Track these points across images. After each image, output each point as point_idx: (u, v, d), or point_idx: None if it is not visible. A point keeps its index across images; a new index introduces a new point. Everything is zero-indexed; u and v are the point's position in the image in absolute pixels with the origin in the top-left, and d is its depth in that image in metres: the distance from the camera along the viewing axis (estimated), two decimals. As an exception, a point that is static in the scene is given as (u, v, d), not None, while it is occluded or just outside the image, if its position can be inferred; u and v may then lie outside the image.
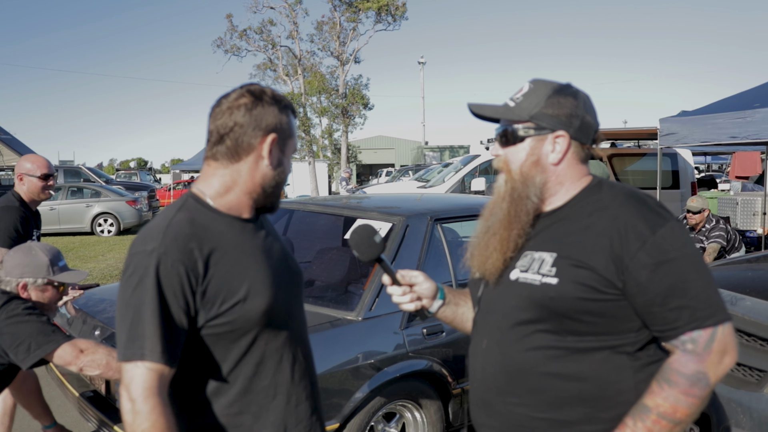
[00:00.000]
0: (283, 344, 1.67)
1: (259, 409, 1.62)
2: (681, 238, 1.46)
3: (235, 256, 1.57)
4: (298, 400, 1.70)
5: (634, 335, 1.49)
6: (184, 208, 1.59)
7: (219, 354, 1.56)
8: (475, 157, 13.80)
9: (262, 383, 1.62)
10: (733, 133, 7.17)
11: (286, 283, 1.70)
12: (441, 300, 1.82)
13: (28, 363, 2.35)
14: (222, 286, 1.52)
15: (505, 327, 1.58)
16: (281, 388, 1.65)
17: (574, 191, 1.59)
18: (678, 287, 1.41)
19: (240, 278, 1.55)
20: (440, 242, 3.70)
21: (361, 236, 1.73)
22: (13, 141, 19.61)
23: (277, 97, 1.64)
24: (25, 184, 3.74)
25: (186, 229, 1.52)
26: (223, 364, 1.57)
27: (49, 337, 2.37)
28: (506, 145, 1.63)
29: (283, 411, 1.66)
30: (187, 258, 1.49)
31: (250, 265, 1.59)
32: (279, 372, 1.65)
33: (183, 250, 1.49)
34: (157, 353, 1.42)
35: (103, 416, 3.08)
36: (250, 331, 1.58)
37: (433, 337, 3.36)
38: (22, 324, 2.37)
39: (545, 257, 1.53)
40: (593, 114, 1.61)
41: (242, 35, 34.54)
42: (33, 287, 2.59)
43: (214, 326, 1.53)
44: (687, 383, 1.40)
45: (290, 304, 1.71)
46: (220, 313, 1.52)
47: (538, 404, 1.54)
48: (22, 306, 2.43)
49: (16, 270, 2.58)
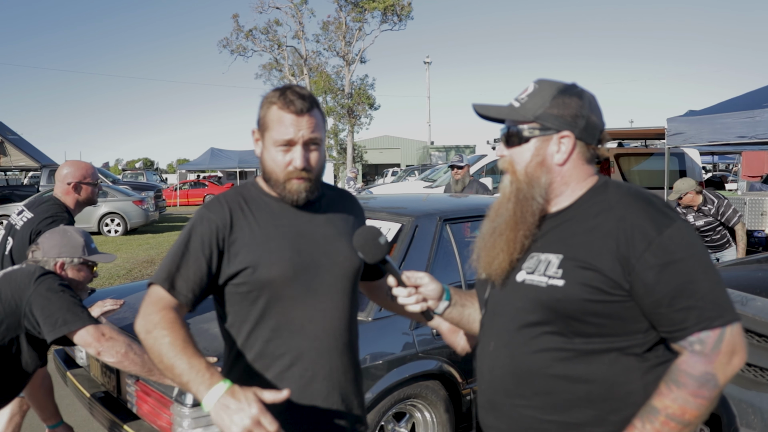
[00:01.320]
0: (302, 318, 1.79)
1: (275, 375, 1.78)
2: (688, 238, 1.44)
3: (263, 228, 1.79)
4: (314, 377, 1.80)
5: (642, 336, 1.48)
6: (243, 185, 1.90)
7: (242, 313, 1.79)
8: (481, 157, 13.80)
9: (278, 350, 1.78)
10: (742, 133, 7.17)
11: (312, 264, 1.81)
12: (447, 301, 1.83)
13: (53, 336, 2.44)
14: (242, 249, 1.75)
15: (513, 329, 1.58)
16: (297, 360, 1.79)
17: (580, 192, 1.59)
18: (685, 288, 1.40)
19: (258, 247, 1.76)
20: (449, 242, 3.70)
21: (366, 238, 1.74)
22: (20, 141, 19.63)
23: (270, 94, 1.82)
24: (80, 192, 3.74)
25: (230, 198, 1.83)
26: (244, 324, 1.79)
27: (77, 316, 2.45)
28: (511, 146, 1.63)
29: (296, 382, 1.78)
30: (220, 218, 1.77)
31: (273, 238, 1.78)
32: (294, 343, 1.79)
33: (219, 211, 1.78)
34: (166, 281, 1.71)
35: (114, 416, 3.09)
36: (263, 295, 1.76)
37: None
38: (55, 298, 2.47)
39: (551, 259, 1.53)
40: (599, 114, 1.60)
41: (248, 35, 34.63)
42: (70, 266, 2.77)
43: (235, 285, 1.76)
44: (695, 384, 1.39)
45: (311, 282, 1.80)
46: (237, 271, 1.74)
47: (546, 406, 1.53)
48: (58, 281, 2.55)
49: (53, 250, 2.75)
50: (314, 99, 1.81)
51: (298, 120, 1.74)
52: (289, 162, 1.77)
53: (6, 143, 18.81)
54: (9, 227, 3.68)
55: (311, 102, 1.77)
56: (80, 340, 2.44)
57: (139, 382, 2.91)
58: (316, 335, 1.80)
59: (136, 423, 2.99)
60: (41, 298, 2.46)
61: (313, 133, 1.77)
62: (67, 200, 3.73)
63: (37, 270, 2.57)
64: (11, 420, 3.34)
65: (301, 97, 1.76)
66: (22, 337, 2.53)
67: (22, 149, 19.17)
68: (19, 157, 19.06)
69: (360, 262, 1.90)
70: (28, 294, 2.47)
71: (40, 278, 2.52)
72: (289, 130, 1.74)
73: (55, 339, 2.45)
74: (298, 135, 1.75)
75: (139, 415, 2.98)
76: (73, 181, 3.72)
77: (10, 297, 2.49)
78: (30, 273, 2.55)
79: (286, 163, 1.77)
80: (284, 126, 1.74)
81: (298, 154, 1.76)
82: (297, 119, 1.74)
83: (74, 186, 3.72)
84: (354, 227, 1.91)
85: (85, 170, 3.79)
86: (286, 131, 1.74)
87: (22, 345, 2.55)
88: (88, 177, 3.78)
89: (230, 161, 31.46)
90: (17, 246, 3.56)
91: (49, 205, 3.65)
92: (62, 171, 3.76)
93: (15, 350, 2.54)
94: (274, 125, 1.76)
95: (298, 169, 1.76)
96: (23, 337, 2.53)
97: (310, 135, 1.76)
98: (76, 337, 2.44)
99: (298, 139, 1.75)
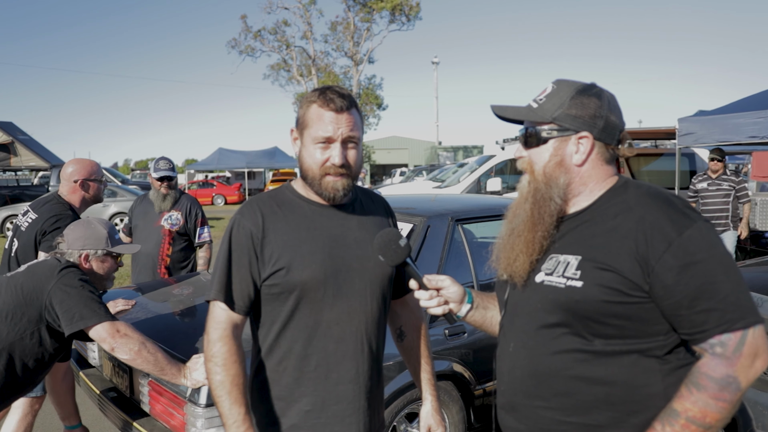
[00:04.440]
0: (329, 320, 1.81)
1: (300, 375, 1.82)
2: (709, 238, 1.42)
3: (296, 231, 1.82)
4: (339, 379, 1.82)
5: (662, 338, 1.47)
6: (275, 189, 1.94)
7: (273, 313, 1.82)
8: (490, 158, 13.75)
9: (306, 351, 1.81)
10: (753, 133, 7.12)
11: (344, 267, 1.83)
12: (469, 304, 1.82)
13: (69, 330, 2.48)
14: (275, 252, 1.79)
15: (532, 330, 1.57)
16: (322, 362, 1.81)
17: (599, 192, 1.58)
18: (706, 289, 1.38)
19: (291, 249, 1.79)
20: (461, 243, 3.69)
21: (386, 240, 1.74)
22: (30, 141, 19.71)
23: (310, 94, 1.85)
24: (88, 189, 3.74)
25: (263, 202, 1.87)
26: (274, 324, 1.83)
27: (94, 312, 2.48)
28: (530, 147, 1.63)
29: (323, 384, 1.81)
30: (253, 223, 1.81)
31: (305, 241, 1.81)
32: (321, 344, 1.81)
33: (252, 217, 1.82)
34: (221, 294, 1.79)
35: (125, 415, 3.10)
36: (292, 296, 1.79)
37: (455, 338, 3.35)
38: (74, 293, 2.50)
39: (570, 260, 1.52)
40: (618, 114, 1.59)
41: (256, 36, 34.69)
42: (94, 258, 2.81)
43: (268, 286, 1.80)
44: (717, 387, 1.37)
45: (341, 285, 1.82)
46: (271, 273, 1.78)
47: (566, 408, 1.52)
48: (78, 276, 2.58)
49: (78, 242, 2.79)
50: (353, 99, 1.84)
51: (337, 117, 1.77)
52: (326, 159, 1.79)
53: (16, 143, 18.91)
54: (15, 228, 3.68)
55: (350, 101, 1.80)
56: (96, 336, 2.48)
57: (151, 382, 2.92)
58: (342, 338, 1.82)
59: (148, 422, 2.99)
60: (61, 292, 2.49)
61: (351, 131, 1.79)
62: (73, 198, 3.73)
63: (60, 264, 2.60)
64: (23, 419, 3.35)
65: (340, 96, 1.78)
66: (44, 329, 2.56)
67: (32, 149, 19.25)
68: (29, 157, 19.13)
69: (392, 269, 1.91)
70: (50, 287, 2.51)
71: (62, 272, 2.55)
72: (328, 128, 1.77)
73: (72, 333, 2.49)
74: (337, 132, 1.77)
75: (152, 414, 2.98)
76: (80, 179, 3.72)
77: (32, 290, 2.53)
78: (52, 266, 2.58)
79: (324, 159, 1.79)
80: (324, 123, 1.77)
81: (336, 151, 1.78)
82: (336, 117, 1.77)
83: (81, 183, 3.72)
84: None
85: (91, 167, 3.79)
86: (325, 128, 1.77)
87: (44, 338, 2.58)
88: (94, 174, 3.78)
89: (238, 161, 31.54)
90: (22, 247, 3.56)
91: (52, 205, 3.65)
92: (67, 169, 3.76)
93: (37, 343, 2.57)
94: (313, 123, 1.79)
95: (336, 165, 1.78)
96: (44, 329, 2.56)
97: (348, 133, 1.79)
98: (91, 332, 2.48)
99: (336, 137, 1.77)
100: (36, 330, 2.55)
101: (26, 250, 3.53)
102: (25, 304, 2.52)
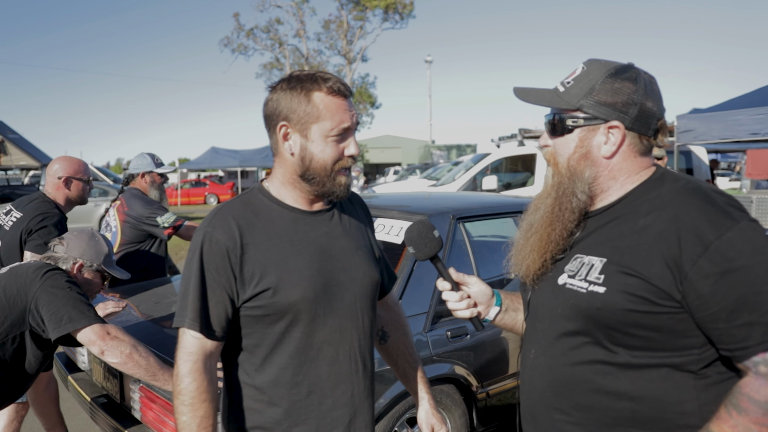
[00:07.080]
0: (321, 341, 1.62)
1: (290, 405, 1.60)
2: (753, 242, 1.24)
3: (276, 244, 1.59)
4: (334, 405, 1.65)
5: (697, 352, 1.31)
6: (247, 193, 1.69)
7: (256, 337, 1.60)
8: (486, 155, 13.68)
9: (295, 378, 1.60)
10: (754, 130, 7.06)
11: (332, 282, 1.63)
12: (498, 307, 1.69)
13: (57, 334, 2.36)
14: (256, 270, 1.56)
15: (552, 336, 1.45)
16: (315, 387, 1.62)
17: (631, 186, 1.42)
18: (748, 300, 1.21)
19: (276, 267, 1.57)
20: (463, 241, 3.59)
21: (419, 232, 1.62)
22: (21, 140, 19.50)
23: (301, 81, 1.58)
24: (71, 187, 3.63)
25: (235, 211, 1.61)
26: (258, 349, 1.61)
27: (83, 313, 2.38)
28: (555, 135, 1.48)
29: (315, 412, 1.62)
30: (228, 237, 1.56)
31: (290, 256, 1.59)
32: (313, 370, 1.61)
33: (226, 229, 1.56)
34: (195, 322, 1.54)
35: (116, 423, 2.98)
36: (282, 319, 1.58)
37: (458, 339, 3.25)
38: (61, 294, 2.40)
39: (595, 262, 1.37)
40: (656, 100, 1.42)
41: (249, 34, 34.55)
42: (87, 269, 2.74)
43: (249, 308, 1.57)
44: (760, 411, 1.21)
45: (331, 302, 1.63)
46: (254, 295, 1.56)
47: (587, 423, 1.39)
48: (65, 278, 2.48)
49: (77, 250, 2.72)
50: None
51: (348, 104, 1.61)
52: (342, 151, 1.61)
53: (6, 142, 18.70)
54: None
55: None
56: (84, 339, 2.36)
57: (143, 388, 2.80)
58: (335, 359, 1.64)
59: (140, 430, 2.87)
60: (47, 294, 2.38)
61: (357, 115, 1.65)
62: (57, 196, 3.62)
63: (45, 266, 2.50)
64: (9, 425, 3.24)
65: (338, 79, 1.62)
66: (27, 335, 2.45)
67: (23, 148, 19.06)
68: (20, 156, 18.94)
69: (379, 276, 1.77)
70: (35, 289, 2.39)
71: (47, 274, 2.44)
72: (345, 116, 1.59)
73: (60, 337, 2.36)
74: (353, 120, 1.61)
75: (143, 421, 2.87)
76: (64, 176, 3.61)
77: (15, 293, 2.41)
78: (37, 268, 2.47)
79: (340, 152, 1.60)
80: (340, 112, 1.58)
81: (353, 141, 1.62)
82: (347, 103, 1.60)
83: (65, 181, 3.61)
84: (369, 236, 1.80)
85: (78, 165, 3.68)
86: (343, 118, 1.58)
87: (27, 344, 2.46)
88: (80, 173, 3.67)
89: (231, 160, 31.34)
90: (6, 247, 3.44)
91: (38, 203, 3.54)
92: (53, 166, 3.66)
93: (18, 349, 2.45)
94: (324, 114, 1.56)
95: (354, 156, 1.62)
96: (27, 335, 2.45)
97: (358, 118, 1.64)
98: (80, 335, 2.36)
99: (353, 125, 1.62)
100: (18, 335, 2.43)
101: (11, 249, 3.40)
102: (8, 307, 2.40)
